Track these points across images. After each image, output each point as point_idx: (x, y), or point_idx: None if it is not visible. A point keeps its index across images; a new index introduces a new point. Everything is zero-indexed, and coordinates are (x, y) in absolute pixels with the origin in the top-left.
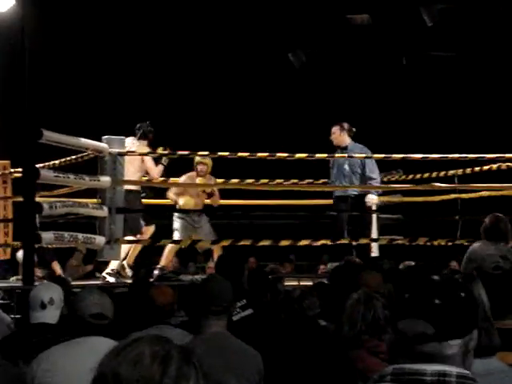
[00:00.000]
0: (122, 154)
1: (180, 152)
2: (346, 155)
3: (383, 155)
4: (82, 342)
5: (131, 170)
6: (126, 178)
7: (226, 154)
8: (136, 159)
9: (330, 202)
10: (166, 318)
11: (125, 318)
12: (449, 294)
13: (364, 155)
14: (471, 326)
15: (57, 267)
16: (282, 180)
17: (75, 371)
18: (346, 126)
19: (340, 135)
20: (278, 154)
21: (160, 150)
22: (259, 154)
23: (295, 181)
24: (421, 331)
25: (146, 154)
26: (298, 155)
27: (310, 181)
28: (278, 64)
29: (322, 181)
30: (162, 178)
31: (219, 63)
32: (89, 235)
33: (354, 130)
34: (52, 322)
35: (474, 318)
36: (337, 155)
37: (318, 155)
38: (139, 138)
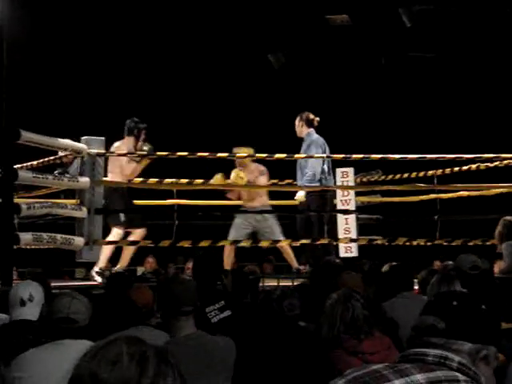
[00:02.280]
0: (100, 155)
1: (159, 153)
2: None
3: (362, 155)
4: (59, 345)
5: (116, 170)
6: (110, 178)
7: (206, 154)
8: (116, 159)
9: None
10: (145, 319)
11: (104, 319)
12: (469, 302)
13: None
14: (484, 337)
15: None
16: None
17: (53, 374)
18: (304, 115)
19: (298, 126)
20: (258, 155)
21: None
22: (238, 155)
23: (275, 181)
24: (431, 323)
25: (124, 155)
26: (277, 155)
27: (290, 181)
28: (257, 65)
29: None
30: (140, 179)
31: (198, 64)
32: (67, 236)
33: (316, 119)
34: (32, 319)
35: (489, 332)
36: (316, 155)
37: (296, 156)
38: (127, 135)
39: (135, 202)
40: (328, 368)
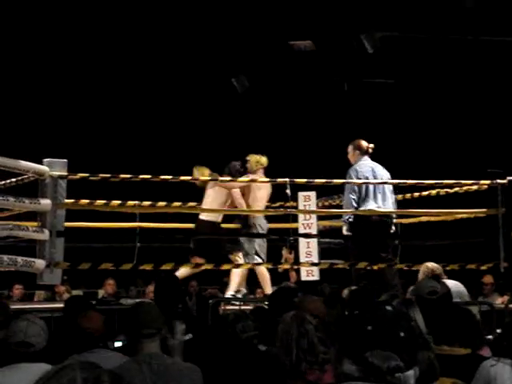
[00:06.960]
0: (63, 177)
1: (122, 175)
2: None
3: (324, 180)
4: (15, 368)
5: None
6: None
7: (169, 177)
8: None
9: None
10: (98, 343)
11: (62, 343)
12: (408, 327)
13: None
14: (416, 356)
15: None
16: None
17: None
18: (357, 142)
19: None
20: (220, 179)
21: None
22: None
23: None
24: (395, 365)
25: (92, 177)
26: (239, 179)
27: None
28: (221, 89)
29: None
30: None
31: (161, 86)
32: (28, 258)
33: (366, 146)
34: None
35: (405, 356)
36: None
37: (259, 180)
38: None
39: (97, 224)
40: None
